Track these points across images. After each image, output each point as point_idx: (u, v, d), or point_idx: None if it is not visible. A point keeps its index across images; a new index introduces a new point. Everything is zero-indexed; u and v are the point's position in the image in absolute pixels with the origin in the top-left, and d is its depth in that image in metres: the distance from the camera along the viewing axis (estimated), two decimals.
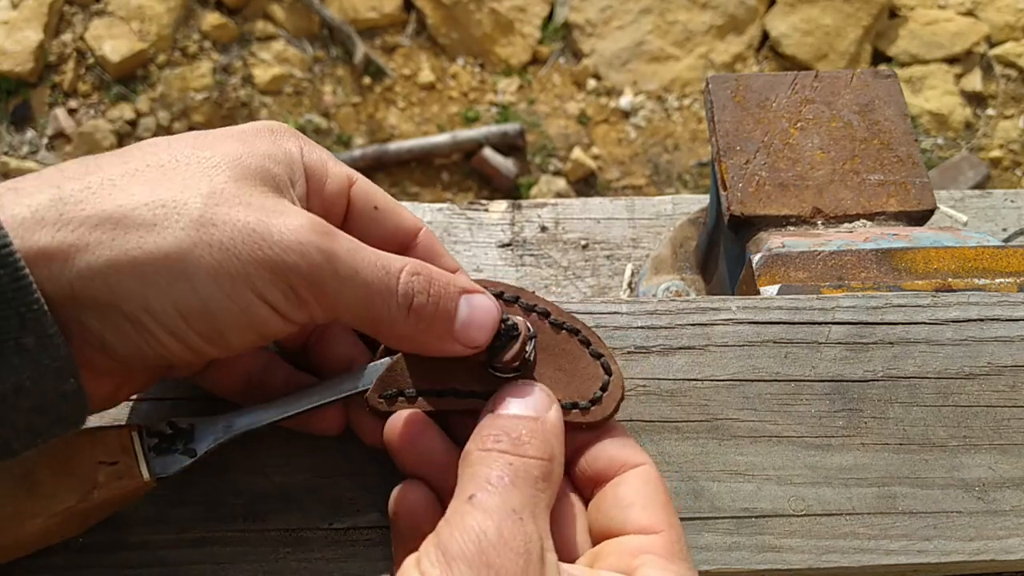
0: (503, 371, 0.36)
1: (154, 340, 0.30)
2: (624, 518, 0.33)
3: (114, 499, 0.35)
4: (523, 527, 0.29)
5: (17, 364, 0.28)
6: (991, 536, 0.39)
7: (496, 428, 0.33)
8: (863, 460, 0.41)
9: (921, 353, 0.43)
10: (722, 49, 2.48)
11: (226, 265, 0.30)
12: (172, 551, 0.37)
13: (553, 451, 0.33)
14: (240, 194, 0.31)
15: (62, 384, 0.29)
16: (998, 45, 2.45)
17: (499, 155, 2.32)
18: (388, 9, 2.52)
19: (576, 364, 0.37)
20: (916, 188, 0.58)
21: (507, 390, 0.35)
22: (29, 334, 0.27)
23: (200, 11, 2.50)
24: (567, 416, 0.36)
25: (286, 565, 0.38)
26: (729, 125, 0.60)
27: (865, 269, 0.51)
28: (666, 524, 0.33)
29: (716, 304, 0.45)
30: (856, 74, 0.62)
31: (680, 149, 2.39)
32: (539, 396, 0.35)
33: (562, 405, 0.36)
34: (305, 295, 0.31)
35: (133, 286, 0.29)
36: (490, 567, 0.28)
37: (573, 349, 0.38)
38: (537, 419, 0.33)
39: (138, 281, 0.29)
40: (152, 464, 0.35)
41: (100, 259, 0.28)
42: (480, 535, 0.28)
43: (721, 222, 0.60)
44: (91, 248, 0.29)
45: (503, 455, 0.32)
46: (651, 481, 0.35)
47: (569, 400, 0.37)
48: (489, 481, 0.30)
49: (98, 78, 2.40)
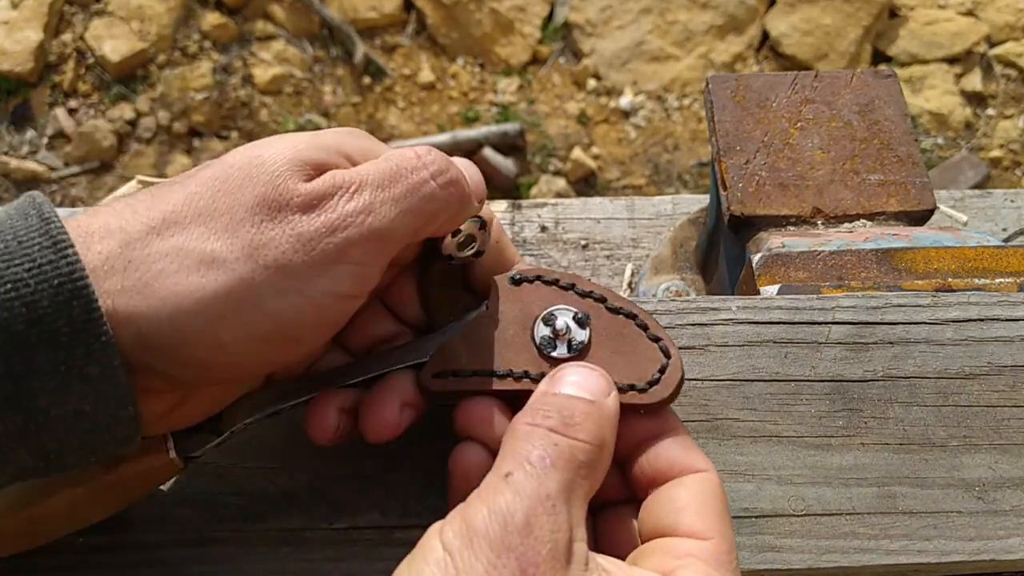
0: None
1: (224, 365, 0.31)
2: (675, 520, 0.32)
3: (140, 476, 0.34)
4: (554, 515, 0.28)
5: (79, 391, 0.28)
6: (991, 536, 0.39)
7: (548, 404, 0.32)
8: (863, 460, 0.41)
9: (921, 353, 0.43)
10: (722, 49, 2.48)
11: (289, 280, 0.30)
12: (172, 551, 0.37)
13: (604, 438, 0.32)
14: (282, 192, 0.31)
15: (120, 411, 0.29)
16: (998, 45, 2.45)
17: (499, 155, 2.32)
18: (388, 9, 2.52)
19: (634, 347, 0.37)
20: (916, 188, 0.58)
21: (566, 370, 0.34)
22: (95, 364, 0.28)
23: (200, 11, 2.50)
24: (624, 398, 0.35)
25: (286, 565, 0.38)
26: (729, 125, 0.60)
27: (865, 269, 0.51)
28: (718, 532, 0.32)
29: (716, 304, 0.45)
30: (856, 74, 0.62)
31: (680, 149, 2.39)
32: (598, 380, 0.34)
33: (619, 387, 0.35)
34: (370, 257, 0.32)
35: (200, 324, 0.29)
36: (511, 551, 0.27)
37: (630, 333, 0.37)
38: (593, 402, 0.32)
39: (206, 319, 0.29)
40: (180, 442, 0.35)
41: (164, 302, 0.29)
42: (507, 517, 0.28)
43: (721, 222, 0.60)
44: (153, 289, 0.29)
45: (550, 433, 0.31)
46: (711, 488, 0.33)
47: (627, 382, 0.36)
48: (529, 460, 0.30)
49: (98, 78, 2.40)
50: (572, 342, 0.37)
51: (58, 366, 0.28)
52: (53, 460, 0.30)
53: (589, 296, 0.38)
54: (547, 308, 0.37)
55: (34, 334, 0.27)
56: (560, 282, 0.38)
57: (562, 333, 0.36)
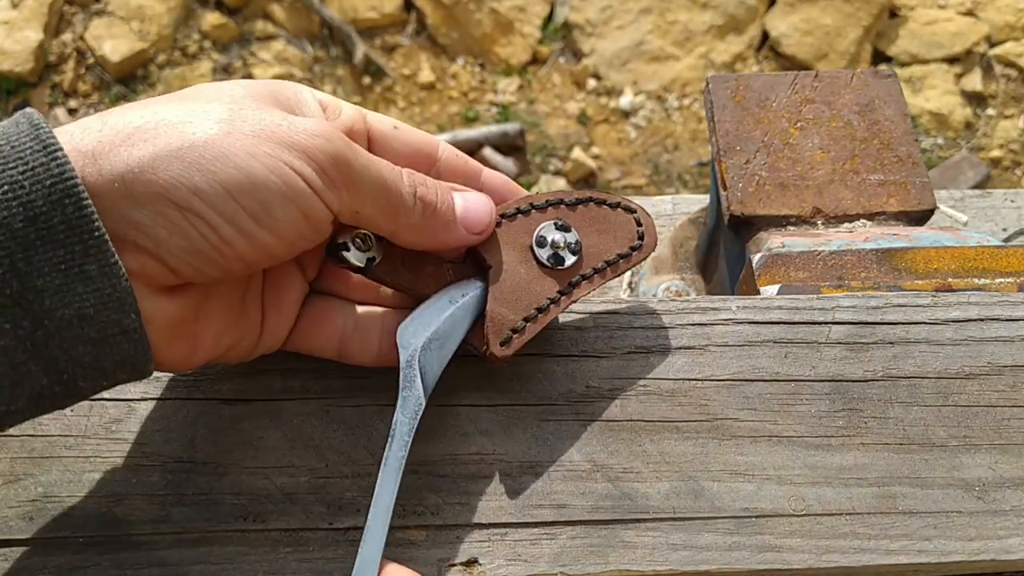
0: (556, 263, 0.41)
1: (206, 226, 0.32)
2: None
3: None
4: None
5: (81, 292, 0.30)
6: (991, 536, 0.39)
7: None
8: (863, 460, 0.41)
9: (921, 353, 0.43)
10: (722, 49, 2.48)
11: (261, 146, 0.32)
12: (172, 551, 0.37)
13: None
14: (260, 105, 0.34)
15: (123, 319, 0.31)
16: (998, 45, 2.45)
17: (499, 155, 2.32)
18: (388, 9, 2.52)
19: (611, 223, 0.42)
20: (916, 188, 0.58)
21: None
22: (92, 262, 0.30)
23: (200, 11, 2.50)
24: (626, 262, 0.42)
25: (286, 565, 0.37)
26: (729, 125, 0.60)
27: (865, 269, 0.51)
28: None
29: (716, 304, 0.45)
30: (856, 74, 0.62)
31: (680, 149, 2.39)
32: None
33: (618, 256, 0.42)
34: (334, 174, 0.33)
35: (179, 170, 0.31)
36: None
37: (600, 213, 0.42)
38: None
39: (183, 165, 0.31)
40: None
41: (145, 152, 0.31)
42: None
43: (721, 222, 0.60)
44: (134, 143, 0.31)
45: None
46: None
47: (619, 252, 0.42)
48: None
49: (98, 78, 2.40)
50: (571, 246, 0.41)
51: (58, 264, 0.29)
52: (67, 381, 0.31)
53: (550, 205, 0.42)
54: (532, 234, 0.41)
55: (33, 231, 0.29)
56: (521, 208, 0.41)
57: (559, 246, 0.41)
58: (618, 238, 0.42)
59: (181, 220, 0.31)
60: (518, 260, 0.40)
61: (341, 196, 0.34)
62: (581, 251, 0.41)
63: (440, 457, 0.40)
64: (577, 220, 0.42)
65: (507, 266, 0.40)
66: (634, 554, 0.38)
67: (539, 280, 0.40)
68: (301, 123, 0.34)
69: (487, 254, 0.40)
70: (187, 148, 0.31)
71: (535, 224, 0.41)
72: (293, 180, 0.33)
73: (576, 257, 0.41)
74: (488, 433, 0.41)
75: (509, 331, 0.39)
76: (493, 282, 0.40)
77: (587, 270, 0.41)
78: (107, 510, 0.38)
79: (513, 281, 0.40)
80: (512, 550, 0.38)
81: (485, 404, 0.42)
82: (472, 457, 0.40)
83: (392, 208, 0.36)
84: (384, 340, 0.40)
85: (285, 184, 0.32)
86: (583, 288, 0.41)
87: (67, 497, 0.38)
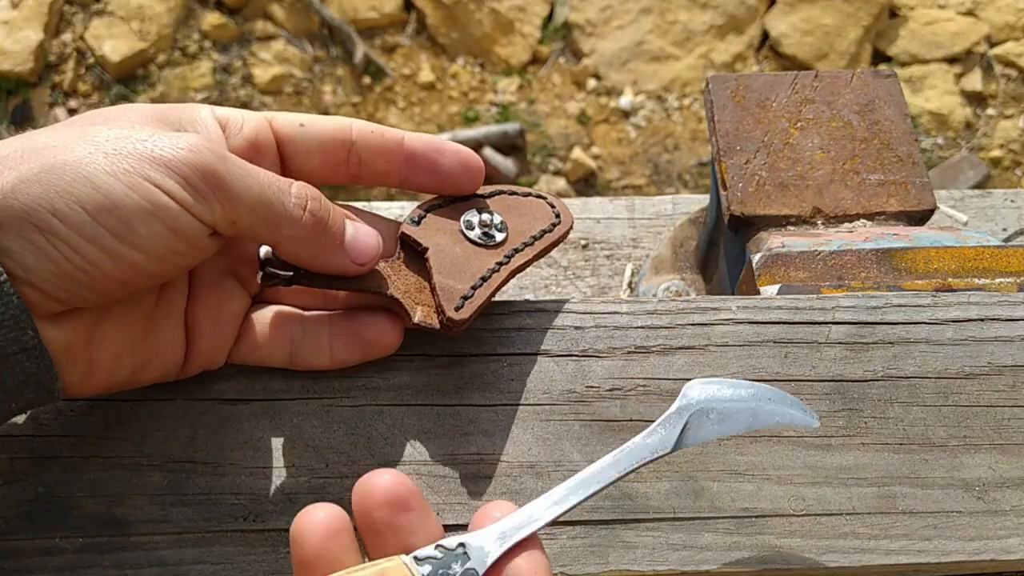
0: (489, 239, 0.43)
1: (69, 248, 0.31)
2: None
3: None
4: None
5: None
6: (991, 536, 0.39)
7: None
8: (863, 460, 0.41)
9: (921, 353, 0.43)
10: (722, 49, 2.48)
11: (120, 162, 0.32)
12: (172, 551, 0.37)
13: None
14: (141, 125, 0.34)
15: (21, 335, 0.31)
16: (998, 45, 2.45)
17: (499, 155, 2.32)
18: (388, 9, 2.52)
19: (527, 207, 0.45)
20: (916, 188, 0.58)
21: None
22: None
23: (200, 11, 2.50)
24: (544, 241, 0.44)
25: (286, 565, 0.37)
26: (729, 125, 0.60)
27: (865, 269, 0.51)
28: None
29: (716, 304, 0.45)
30: (856, 74, 0.62)
31: (680, 149, 2.39)
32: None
33: (537, 234, 0.44)
34: (201, 186, 0.33)
35: (38, 192, 0.31)
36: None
37: (515, 201, 0.45)
38: None
39: (42, 187, 0.31)
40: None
41: (9, 179, 0.31)
42: None
43: (721, 222, 0.60)
44: (2, 172, 0.31)
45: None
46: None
47: (540, 229, 0.44)
48: None
49: (98, 78, 2.40)
50: (497, 226, 0.43)
51: None
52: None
53: (467, 198, 0.44)
54: (459, 220, 0.43)
55: None
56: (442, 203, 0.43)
57: (487, 224, 0.43)
58: (537, 218, 0.44)
59: (45, 244, 0.31)
60: (452, 242, 0.42)
61: (213, 207, 0.33)
62: (507, 230, 0.43)
63: (440, 457, 0.40)
64: (496, 207, 0.44)
65: (443, 247, 0.41)
66: (634, 554, 0.38)
67: (477, 255, 0.42)
68: (168, 139, 0.33)
69: (421, 239, 0.41)
70: (47, 171, 0.31)
71: (459, 213, 0.43)
72: (154, 195, 0.32)
73: (504, 234, 0.43)
74: (488, 433, 0.41)
75: (460, 298, 0.40)
76: (434, 260, 0.41)
77: (518, 244, 0.43)
78: (107, 510, 0.38)
79: (453, 257, 0.41)
80: None
81: (485, 404, 0.42)
82: (472, 457, 0.40)
83: (273, 218, 0.35)
84: (335, 342, 0.40)
85: (146, 199, 0.32)
86: (519, 257, 0.43)
87: (67, 497, 0.38)
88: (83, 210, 0.31)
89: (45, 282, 0.31)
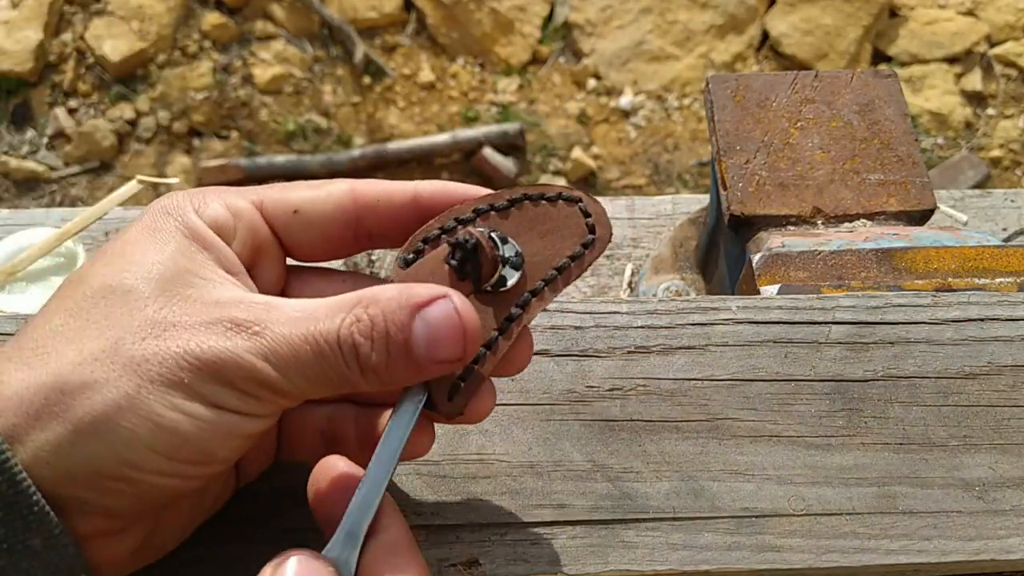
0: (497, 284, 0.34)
1: (148, 486, 0.30)
2: None
3: None
4: None
5: (28, 568, 0.28)
6: (991, 536, 0.39)
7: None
8: (863, 460, 0.41)
9: (921, 353, 0.43)
10: (722, 49, 2.48)
11: (175, 393, 0.29)
12: (172, 551, 0.37)
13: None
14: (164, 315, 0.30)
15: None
16: (998, 45, 2.45)
17: (499, 155, 2.32)
18: (388, 9, 2.52)
19: (553, 220, 0.35)
20: (916, 188, 0.58)
21: None
22: (35, 536, 0.28)
23: (200, 11, 2.50)
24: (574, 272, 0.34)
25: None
26: (729, 125, 0.60)
27: (865, 269, 0.51)
28: None
29: (716, 304, 0.45)
30: (856, 74, 0.62)
31: (680, 149, 2.39)
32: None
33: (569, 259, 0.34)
34: (255, 391, 0.30)
35: (100, 448, 0.29)
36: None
37: (540, 211, 0.35)
38: None
39: (102, 444, 0.29)
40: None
41: (61, 433, 0.28)
42: None
43: (721, 222, 0.60)
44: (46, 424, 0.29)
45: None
46: None
47: (569, 254, 0.35)
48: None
49: (98, 78, 2.40)
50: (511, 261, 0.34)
51: (1, 544, 0.28)
52: None
53: (478, 215, 0.35)
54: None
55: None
56: (445, 227, 0.35)
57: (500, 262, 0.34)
58: (565, 237, 0.35)
59: (124, 487, 0.29)
60: None
61: (275, 401, 0.31)
62: (524, 263, 0.34)
63: (440, 457, 0.40)
64: (513, 226, 0.35)
65: None
66: (634, 554, 0.38)
67: (479, 311, 0.33)
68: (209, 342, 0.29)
69: None
70: (101, 423, 0.28)
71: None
72: (220, 418, 0.30)
73: (519, 273, 0.34)
74: (488, 433, 0.41)
75: (455, 380, 0.33)
76: None
77: (535, 284, 0.34)
78: None
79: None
80: (512, 550, 0.38)
81: None
82: (472, 457, 0.40)
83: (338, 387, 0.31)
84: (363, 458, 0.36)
85: (214, 424, 0.29)
86: (533, 308, 0.34)
87: None
88: (156, 453, 0.29)
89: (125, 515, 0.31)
